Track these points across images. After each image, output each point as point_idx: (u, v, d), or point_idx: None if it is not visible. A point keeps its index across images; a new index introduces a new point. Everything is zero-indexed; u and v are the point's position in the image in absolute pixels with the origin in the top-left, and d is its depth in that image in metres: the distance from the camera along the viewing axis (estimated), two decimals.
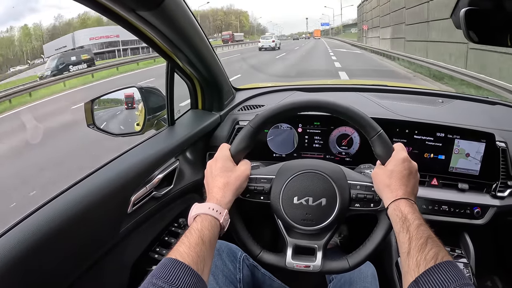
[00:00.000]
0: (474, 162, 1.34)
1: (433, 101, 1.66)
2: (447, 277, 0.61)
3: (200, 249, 0.70)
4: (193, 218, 0.78)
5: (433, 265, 0.64)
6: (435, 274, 0.63)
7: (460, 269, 0.64)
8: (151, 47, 1.09)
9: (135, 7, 0.83)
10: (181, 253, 0.68)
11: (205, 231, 0.74)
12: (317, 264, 0.89)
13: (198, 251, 0.70)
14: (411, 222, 0.74)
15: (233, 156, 0.90)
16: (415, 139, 1.36)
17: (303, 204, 0.89)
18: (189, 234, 0.73)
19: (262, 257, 0.92)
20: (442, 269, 0.63)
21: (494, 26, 0.83)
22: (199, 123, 1.40)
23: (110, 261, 0.98)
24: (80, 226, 0.85)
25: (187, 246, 0.70)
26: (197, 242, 0.71)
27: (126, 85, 1.29)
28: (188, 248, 0.69)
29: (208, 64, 1.30)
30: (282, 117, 0.97)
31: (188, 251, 0.69)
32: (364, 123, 0.89)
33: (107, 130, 1.26)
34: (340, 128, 1.42)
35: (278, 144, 1.46)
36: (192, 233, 0.73)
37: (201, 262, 0.69)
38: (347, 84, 2.00)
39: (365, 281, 1.12)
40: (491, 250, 1.80)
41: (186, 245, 0.70)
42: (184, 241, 0.71)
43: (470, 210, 1.33)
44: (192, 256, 0.68)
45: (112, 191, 0.95)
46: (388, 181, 0.82)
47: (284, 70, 13.96)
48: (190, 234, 0.73)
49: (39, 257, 0.75)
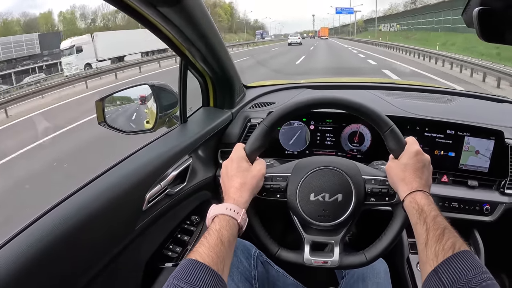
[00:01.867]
0: (483, 159, 1.35)
1: (441, 99, 1.67)
2: (465, 266, 0.63)
3: (219, 249, 0.71)
4: (211, 219, 0.79)
5: (451, 254, 0.66)
6: (454, 263, 0.64)
7: (477, 258, 0.66)
8: (166, 43, 1.08)
9: (156, 3, 0.83)
10: (201, 254, 0.69)
11: (223, 231, 0.75)
12: (335, 260, 0.90)
13: (217, 252, 0.71)
14: (428, 213, 0.76)
15: (248, 156, 0.90)
16: (425, 136, 1.37)
17: (320, 201, 0.90)
18: (208, 235, 0.74)
19: (280, 254, 0.93)
20: (460, 258, 0.65)
21: (506, 25, 0.84)
22: (211, 121, 1.40)
23: (125, 258, 0.98)
24: (97, 223, 0.85)
25: (207, 247, 0.71)
26: (216, 243, 0.72)
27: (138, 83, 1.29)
28: (207, 249, 0.70)
29: (221, 61, 1.30)
30: (295, 115, 0.98)
31: (207, 252, 0.70)
32: (377, 119, 0.90)
33: (118, 128, 1.25)
34: (352, 125, 1.42)
35: (290, 141, 1.46)
36: (211, 234, 0.74)
37: (220, 262, 0.70)
38: (356, 82, 2.00)
39: (378, 277, 1.12)
40: (500, 248, 1.80)
41: (205, 246, 0.71)
42: (204, 242, 0.72)
43: (479, 207, 1.33)
44: (212, 256, 0.69)
45: (128, 189, 0.94)
46: (403, 174, 0.84)
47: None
48: (209, 235, 0.74)
49: (54, 258, 0.75)
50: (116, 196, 0.90)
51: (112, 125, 1.24)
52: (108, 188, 0.90)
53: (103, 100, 1.22)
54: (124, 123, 1.31)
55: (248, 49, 34.19)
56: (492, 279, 0.61)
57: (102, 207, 0.86)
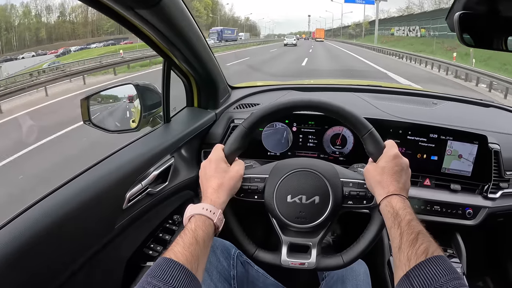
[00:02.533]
0: (466, 164, 1.36)
1: (426, 103, 1.68)
2: (437, 271, 0.63)
3: (194, 248, 0.72)
4: (188, 218, 0.80)
5: (424, 259, 0.66)
6: (426, 268, 0.64)
7: (450, 263, 0.66)
8: (149, 45, 1.09)
9: (133, 5, 0.83)
10: (175, 253, 0.70)
11: (199, 231, 0.76)
12: (312, 261, 0.91)
13: (192, 251, 0.72)
14: (402, 217, 0.76)
15: (227, 157, 0.91)
16: (408, 140, 1.38)
17: (297, 203, 0.90)
18: (183, 235, 0.75)
19: (257, 255, 0.94)
20: (432, 263, 0.65)
21: (488, 30, 0.85)
22: (195, 121, 1.40)
23: (105, 256, 0.99)
24: (76, 222, 0.86)
25: (182, 246, 0.72)
26: (191, 242, 0.73)
27: (122, 83, 1.30)
28: (182, 248, 0.71)
29: (204, 62, 1.31)
30: (275, 117, 0.99)
31: (182, 251, 0.71)
32: (355, 122, 0.91)
33: (102, 126, 1.26)
34: (334, 128, 1.43)
35: (273, 142, 1.47)
36: (187, 233, 0.75)
37: (195, 261, 0.71)
38: (342, 84, 2.00)
39: (358, 279, 1.13)
40: (482, 251, 1.83)
41: (180, 245, 0.72)
42: (179, 241, 0.73)
43: (462, 210, 1.35)
44: (186, 255, 0.70)
45: (108, 187, 0.95)
46: (380, 178, 0.84)
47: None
48: (185, 234, 0.75)
49: (34, 253, 0.76)
50: (95, 195, 0.91)
51: (96, 124, 1.25)
52: (87, 187, 0.91)
53: (88, 99, 1.23)
54: (108, 122, 1.32)
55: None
56: (465, 285, 0.61)
57: (81, 205, 0.87)
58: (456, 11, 0.78)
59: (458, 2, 0.76)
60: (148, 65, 16.85)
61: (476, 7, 0.76)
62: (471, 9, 0.76)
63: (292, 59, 20.80)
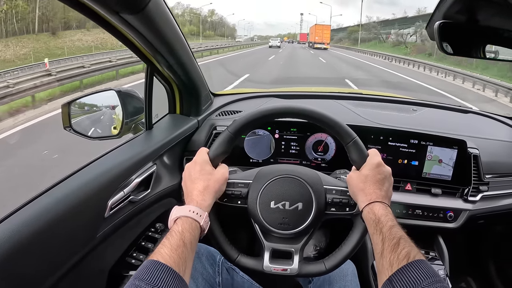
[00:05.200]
0: (447, 168, 1.40)
1: (407, 109, 1.73)
2: (419, 275, 0.64)
3: (181, 251, 0.71)
4: (173, 220, 0.79)
5: (406, 264, 0.67)
6: (408, 273, 0.65)
7: (431, 267, 0.67)
8: (132, 50, 1.08)
9: (119, 10, 0.83)
10: (163, 255, 0.69)
11: (186, 233, 0.75)
12: (294, 267, 0.91)
13: (179, 253, 0.71)
14: (384, 224, 0.77)
15: (212, 160, 0.91)
16: (389, 146, 1.41)
17: (280, 209, 0.91)
18: (170, 236, 0.74)
19: (239, 261, 0.94)
20: (414, 267, 0.66)
21: (467, 39, 0.88)
22: (177, 128, 1.40)
23: (88, 265, 0.97)
24: (56, 231, 0.84)
25: (169, 248, 0.71)
26: (179, 244, 0.72)
27: (104, 89, 1.28)
28: (170, 250, 0.70)
29: (187, 69, 1.31)
30: (259, 123, 0.99)
31: (170, 253, 0.70)
32: (340, 130, 0.92)
33: (83, 133, 1.23)
34: (316, 135, 1.45)
35: (255, 149, 1.48)
36: (173, 235, 0.74)
37: (182, 264, 0.70)
38: (324, 92, 2.04)
39: (345, 280, 1.14)
40: (464, 252, 1.88)
41: (167, 247, 0.71)
42: (166, 243, 0.72)
43: (443, 214, 1.39)
44: (174, 258, 0.69)
45: (89, 195, 0.93)
46: (363, 185, 0.86)
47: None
48: (172, 236, 0.74)
49: (14, 263, 0.73)
50: (77, 203, 0.89)
51: (77, 130, 1.22)
52: (68, 195, 0.88)
53: (68, 105, 1.21)
54: (89, 128, 1.29)
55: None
56: (446, 287, 0.63)
57: (61, 213, 0.85)
58: (436, 20, 0.80)
59: (438, 11, 0.78)
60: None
61: (455, 17, 0.78)
62: (451, 19, 0.79)
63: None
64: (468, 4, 0.75)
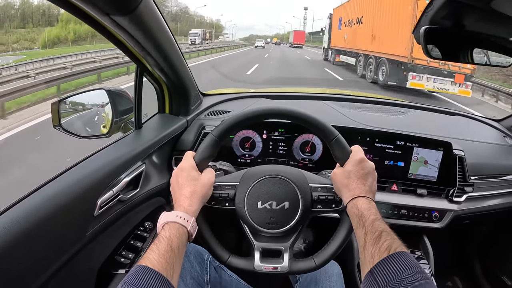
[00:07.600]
0: (432, 169, 1.43)
1: (393, 111, 1.75)
2: (400, 266, 0.66)
3: (169, 256, 0.73)
4: (161, 226, 0.80)
5: (387, 256, 0.69)
6: (389, 264, 0.67)
7: (412, 259, 0.69)
8: (122, 50, 1.09)
9: (109, 12, 0.83)
10: (151, 261, 0.71)
11: (173, 238, 0.77)
12: (285, 265, 0.93)
13: (167, 258, 0.72)
14: (367, 217, 0.79)
15: (198, 165, 0.92)
16: (375, 147, 1.43)
17: (267, 208, 0.93)
18: (158, 242, 0.75)
19: (231, 262, 0.95)
20: (395, 259, 0.68)
21: (455, 44, 0.91)
22: (166, 127, 1.40)
23: (77, 264, 0.97)
24: (46, 229, 0.84)
25: (157, 253, 0.72)
26: (166, 250, 0.74)
27: (94, 88, 1.28)
28: (158, 256, 0.72)
29: (176, 69, 1.32)
30: (244, 125, 1.00)
31: (158, 259, 0.71)
32: (322, 129, 0.94)
33: (73, 131, 1.24)
34: (304, 135, 1.47)
35: (243, 149, 1.49)
36: (161, 240, 0.76)
37: (170, 268, 0.72)
38: (312, 92, 2.05)
39: (331, 280, 1.16)
40: (450, 252, 1.92)
41: (156, 252, 0.73)
42: (154, 249, 0.74)
43: (428, 214, 1.41)
44: (162, 263, 0.71)
45: (79, 194, 0.93)
46: (346, 181, 0.88)
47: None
48: (159, 242, 0.75)
49: (2, 261, 0.74)
50: (66, 202, 0.89)
51: (67, 128, 1.22)
52: (57, 194, 0.89)
53: (58, 103, 1.21)
54: (79, 127, 1.29)
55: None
56: (427, 278, 0.64)
57: (51, 212, 0.85)
58: (423, 25, 0.83)
59: (425, 16, 0.80)
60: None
61: (442, 22, 0.80)
62: (437, 24, 0.81)
63: None
64: (453, 9, 0.77)
